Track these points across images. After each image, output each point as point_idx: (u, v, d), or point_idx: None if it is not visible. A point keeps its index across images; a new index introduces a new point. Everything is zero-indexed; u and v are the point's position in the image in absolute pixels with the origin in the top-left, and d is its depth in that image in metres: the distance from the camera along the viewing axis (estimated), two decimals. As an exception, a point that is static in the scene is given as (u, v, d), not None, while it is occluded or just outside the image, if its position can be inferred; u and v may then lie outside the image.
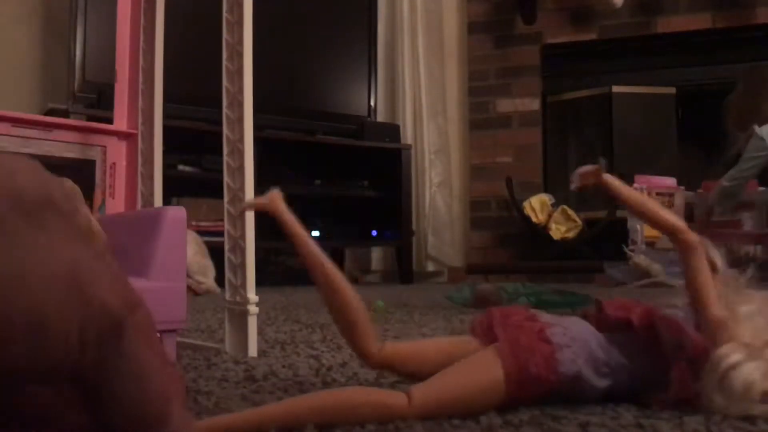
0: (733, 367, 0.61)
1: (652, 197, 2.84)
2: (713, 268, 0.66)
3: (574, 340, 0.65)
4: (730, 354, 0.62)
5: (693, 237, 0.67)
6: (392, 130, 3.92)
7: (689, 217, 2.92)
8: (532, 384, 0.63)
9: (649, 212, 0.70)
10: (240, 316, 1.08)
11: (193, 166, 3.32)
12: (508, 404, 0.64)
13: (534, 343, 0.64)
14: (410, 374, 0.69)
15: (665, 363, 0.64)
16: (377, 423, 0.60)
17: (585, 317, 0.70)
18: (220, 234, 1.15)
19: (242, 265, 1.08)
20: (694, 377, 0.63)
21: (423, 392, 0.62)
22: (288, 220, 0.69)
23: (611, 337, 0.67)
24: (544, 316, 0.69)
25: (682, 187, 3.11)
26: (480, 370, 0.64)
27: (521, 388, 0.63)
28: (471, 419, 0.61)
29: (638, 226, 2.93)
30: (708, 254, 0.67)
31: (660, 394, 0.64)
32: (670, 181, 3.12)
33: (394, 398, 0.61)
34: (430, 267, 4.03)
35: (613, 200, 0.73)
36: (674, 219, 0.69)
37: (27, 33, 3.46)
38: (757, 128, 2.53)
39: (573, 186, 0.71)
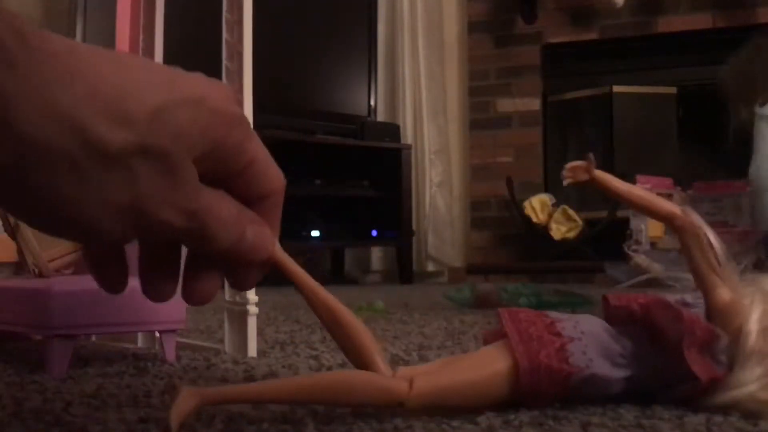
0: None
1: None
2: (714, 253, 0.66)
3: (584, 333, 0.65)
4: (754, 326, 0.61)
5: (691, 219, 0.67)
6: (392, 130, 3.92)
7: None
8: (544, 375, 0.62)
9: (646, 202, 0.70)
10: (240, 316, 1.08)
11: (193, 166, 3.32)
12: (521, 399, 0.63)
13: (544, 335, 0.64)
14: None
15: (678, 354, 0.63)
16: (376, 410, 0.60)
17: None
18: (220, 234, 1.14)
19: (242, 265, 1.08)
20: (712, 361, 0.62)
21: (426, 380, 0.61)
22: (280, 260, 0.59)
23: (623, 329, 0.66)
24: (554, 314, 0.68)
25: (679, 188, 3.11)
26: (488, 361, 0.63)
27: (533, 381, 0.62)
28: (470, 421, 0.61)
29: (642, 226, 2.92)
30: (708, 238, 0.67)
31: (681, 387, 0.63)
32: (669, 182, 3.12)
33: (395, 383, 0.60)
34: (431, 267, 4.03)
35: (610, 197, 0.73)
36: (669, 205, 0.69)
37: (27, 33, 3.46)
38: (758, 108, 2.46)
39: (566, 182, 0.71)
